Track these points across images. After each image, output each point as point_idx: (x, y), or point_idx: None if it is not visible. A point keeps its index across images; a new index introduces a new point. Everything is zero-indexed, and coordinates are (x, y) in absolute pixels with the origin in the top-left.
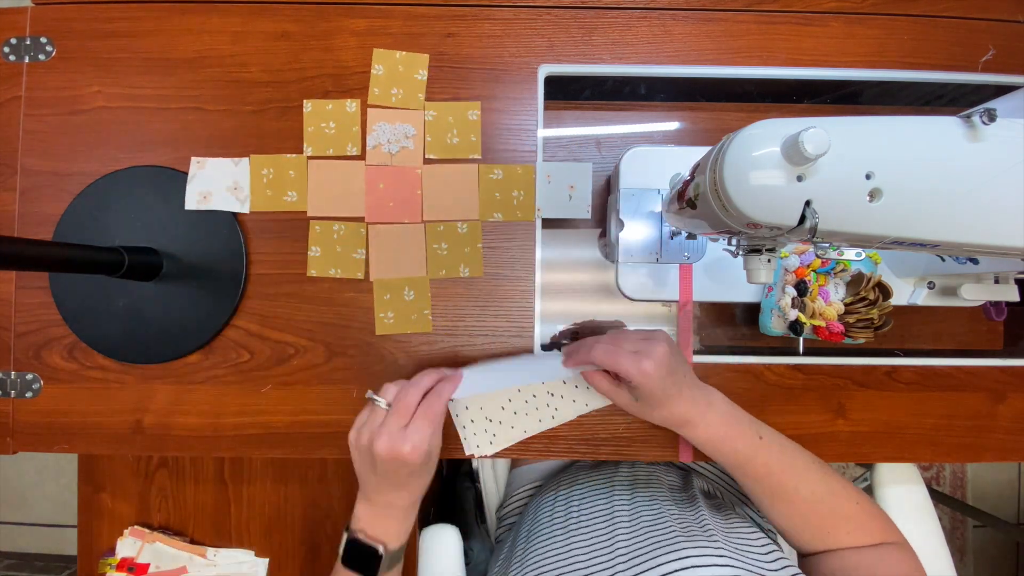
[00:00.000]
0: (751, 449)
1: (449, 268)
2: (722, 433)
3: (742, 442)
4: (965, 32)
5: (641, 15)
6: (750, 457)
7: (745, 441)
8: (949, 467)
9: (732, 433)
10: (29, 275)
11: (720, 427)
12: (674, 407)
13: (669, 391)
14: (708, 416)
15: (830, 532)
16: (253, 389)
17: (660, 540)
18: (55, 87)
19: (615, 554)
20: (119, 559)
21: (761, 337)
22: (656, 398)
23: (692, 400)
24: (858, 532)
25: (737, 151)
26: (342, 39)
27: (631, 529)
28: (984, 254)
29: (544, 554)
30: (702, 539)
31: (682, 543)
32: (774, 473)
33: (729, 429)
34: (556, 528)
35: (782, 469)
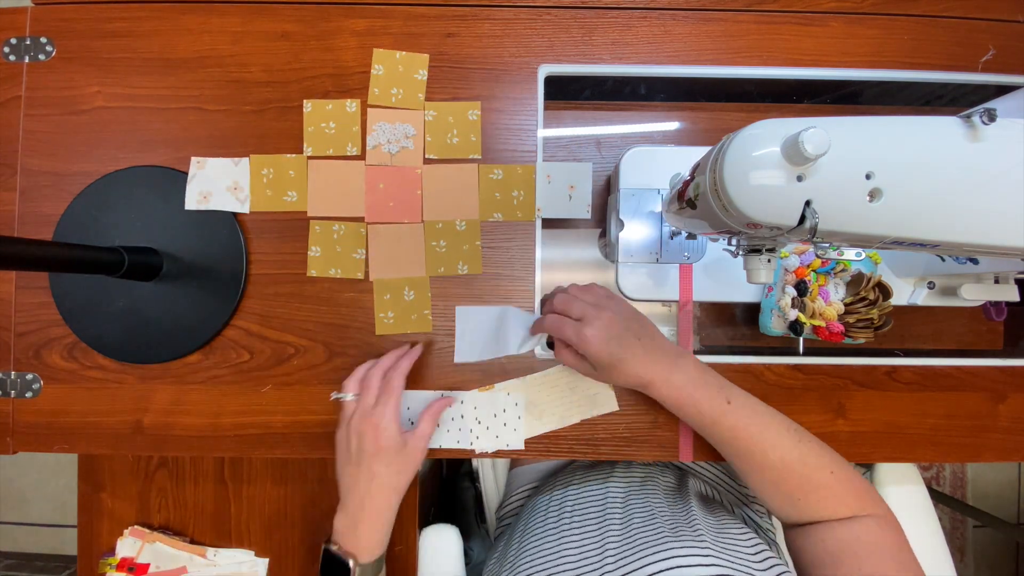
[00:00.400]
0: (717, 413)
1: (448, 265)
2: (686, 394)
3: (707, 404)
4: (965, 32)
5: (641, 15)
6: (716, 421)
7: (711, 403)
8: (949, 467)
9: (697, 395)
10: (29, 275)
11: (685, 387)
12: (628, 369)
13: (617, 354)
14: (673, 377)
15: (802, 502)
16: (253, 389)
17: (648, 540)
18: (55, 87)
19: (604, 554)
20: (119, 559)
21: (761, 337)
22: (604, 363)
23: (652, 361)
24: (830, 503)
25: (737, 151)
26: (342, 39)
27: (622, 530)
28: (984, 254)
29: (535, 554)
30: (690, 539)
31: (669, 542)
32: (740, 438)
33: (695, 391)
34: (549, 528)
35: (750, 434)
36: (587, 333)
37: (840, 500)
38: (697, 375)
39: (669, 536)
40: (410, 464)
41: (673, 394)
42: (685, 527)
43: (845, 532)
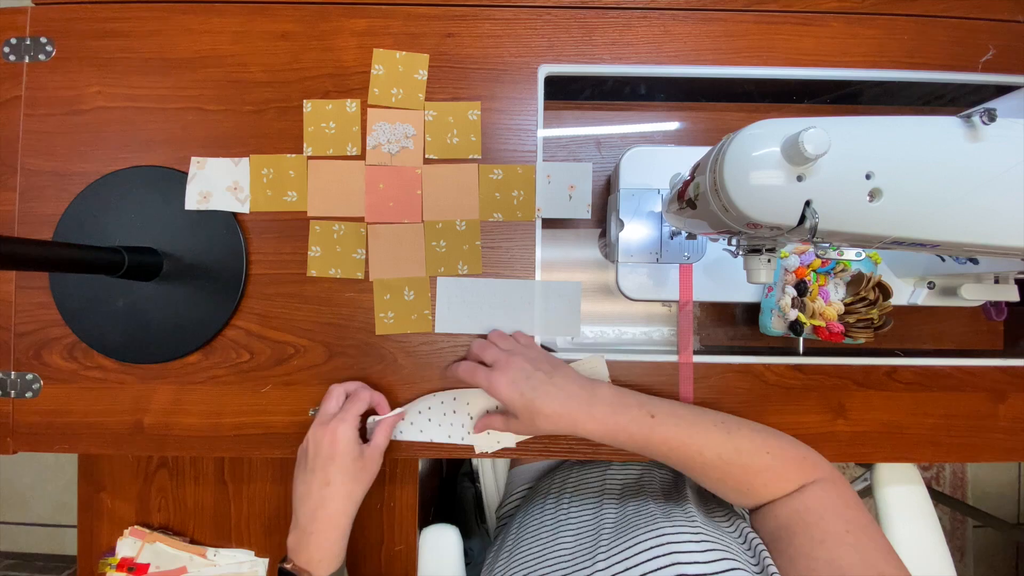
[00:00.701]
0: (645, 430)
1: (448, 265)
2: (611, 423)
3: (634, 426)
4: (965, 32)
5: (641, 15)
6: (647, 437)
7: (637, 424)
8: (949, 467)
9: (622, 420)
10: (29, 275)
11: (608, 417)
12: (545, 408)
13: (528, 395)
14: (593, 410)
15: (748, 489)
16: (253, 389)
17: (642, 522)
18: (55, 87)
19: (599, 538)
20: (119, 559)
21: (761, 337)
22: (519, 407)
23: (567, 396)
24: (775, 483)
25: (737, 151)
26: (342, 39)
27: (617, 517)
28: (984, 254)
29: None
30: (682, 520)
31: (661, 523)
32: (675, 448)
33: (618, 417)
34: (546, 516)
35: (681, 441)
36: (495, 378)
37: (782, 477)
38: (616, 400)
39: (662, 518)
40: (366, 474)
41: (599, 427)
42: (678, 511)
43: (794, 504)
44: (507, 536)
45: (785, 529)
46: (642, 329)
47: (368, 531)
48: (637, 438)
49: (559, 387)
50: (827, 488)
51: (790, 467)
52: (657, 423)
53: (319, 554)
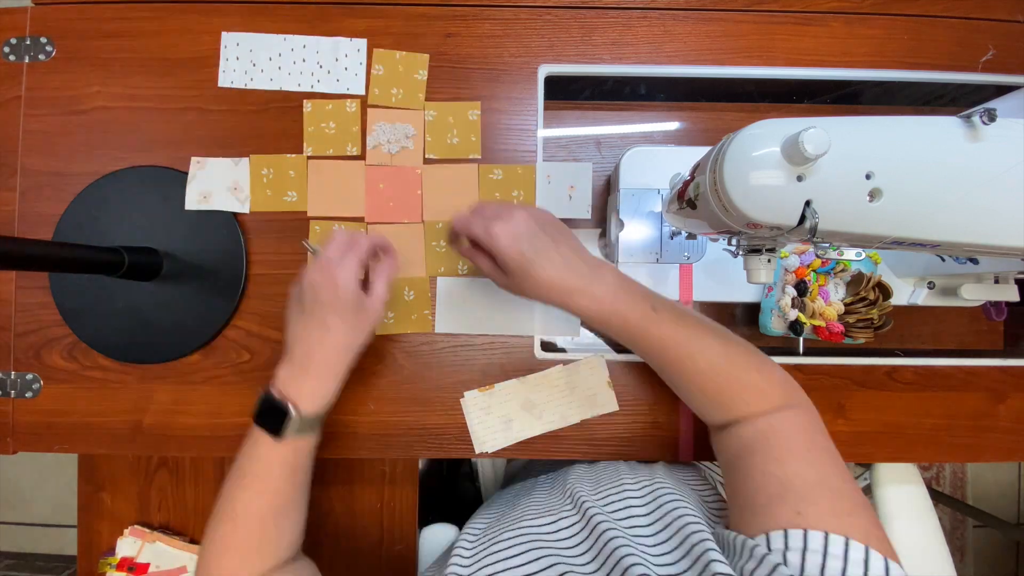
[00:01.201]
0: (644, 321)
1: (448, 265)
2: (609, 304)
3: (633, 314)
4: (965, 32)
5: (641, 15)
6: (643, 329)
7: (637, 313)
8: (949, 467)
9: (621, 306)
10: (29, 275)
11: (607, 299)
12: (541, 274)
13: (528, 255)
14: (593, 287)
15: (728, 402)
16: (253, 389)
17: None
18: (55, 87)
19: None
20: (119, 559)
21: (761, 337)
22: (515, 265)
23: (568, 268)
24: (756, 400)
25: (737, 151)
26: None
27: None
28: (984, 254)
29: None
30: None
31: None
32: (669, 347)
33: (618, 302)
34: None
35: (677, 342)
36: (496, 227)
37: (765, 396)
38: (619, 284)
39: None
40: (366, 323)
41: (595, 306)
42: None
43: (762, 423)
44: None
45: (746, 446)
46: None
47: (368, 531)
48: (632, 328)
49: (563, 255)
50: (799, 414)
51: (775, 389)
52: (658, 317)
53: (309, 391)
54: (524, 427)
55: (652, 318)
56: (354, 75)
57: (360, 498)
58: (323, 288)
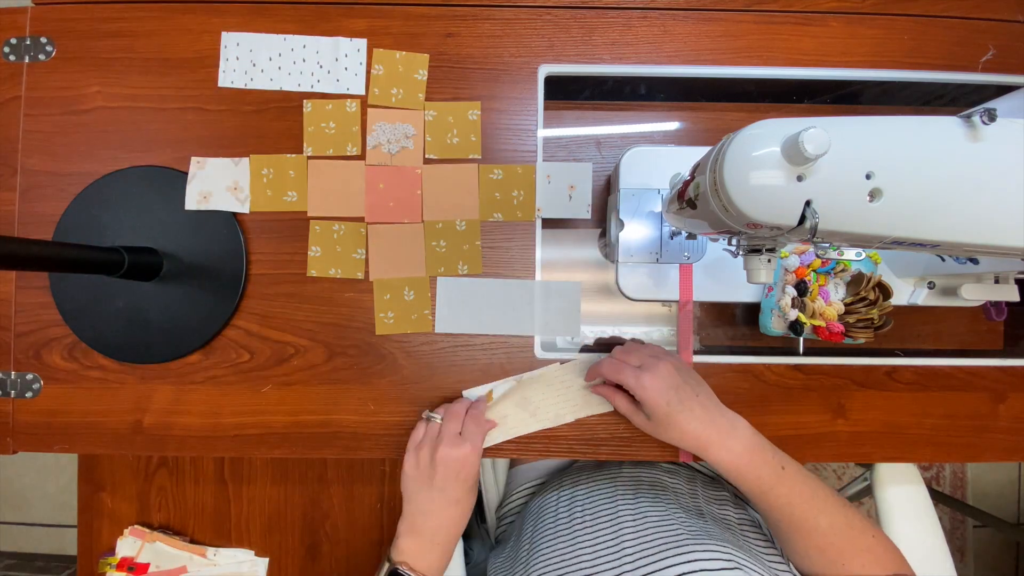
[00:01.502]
0: (774, 478)
1: (448, 265)
2: (745, 460)
3: (765, 470)
4: (965, 32)
5: (641, 15)
6: (773, 486)
7: (768, 469)
8: (949, 467)
9: (756, 460)
10: (29, 275)
11: (744, 455)
12: (685, 425)
13: (675, 406)
14: (730, 441)
15: (847, 563)
16: (253, 389)
17: (667, 542)
18: (55, 87)
19: (621, 555)
20: (119, 559)
21: (761, 337)
22: (661, 413)
23: (709, 422)
24: (873, 565)
25: (737, 151)
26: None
27: (636, 530)
28: (984, 254)
29: (549, 555)
30: (710, 542)
31: (689, 544)
32: (795, 504)
33: (753, 456)
34: (560, 528)
35: (803, 500)
36: (646, 379)
37: (881, 562)
38: (753, 440)
39: (688, 538)
40: (477, 489)
41: (732, 460)
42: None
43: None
44: (519, 545)
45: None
46: (642, 329)
47: (368, 531)
48: (763, 483)
49: (704, 408)
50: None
51: (889, 555)
52: (785, 476)
53: (440, 564)
54: (519, 424)
55: (782, 476)
56: (354, 75)
57: (360, 498)
58: (453, 465)
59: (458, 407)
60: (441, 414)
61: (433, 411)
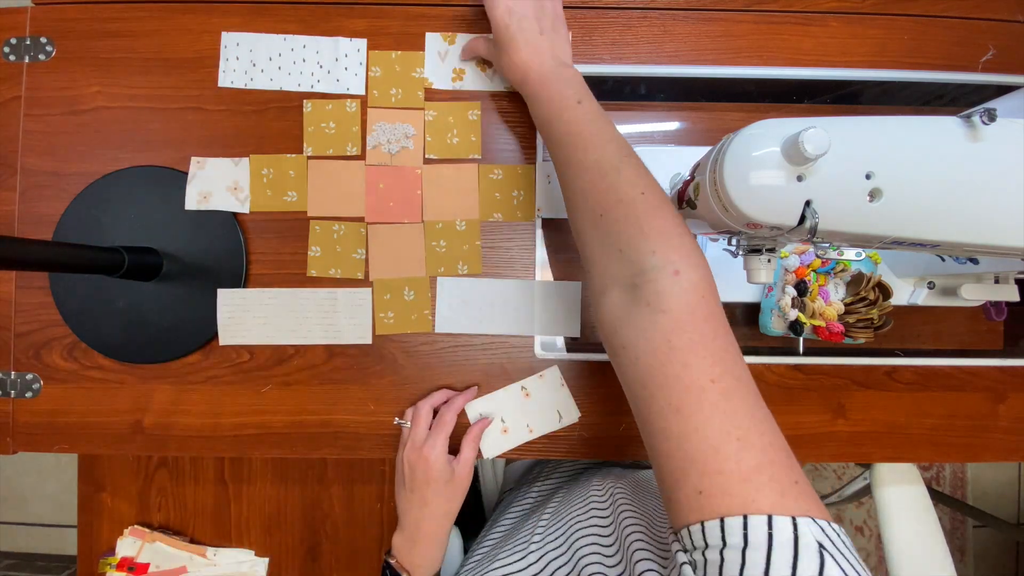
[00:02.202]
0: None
1: (448, 265)
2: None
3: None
4: (965, 32)
5: (641, 15)
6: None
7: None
8: (949, 467)
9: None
10: (29, 275)
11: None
12: (514, 55)
13: (513, 32)
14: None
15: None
16: (253, 389)
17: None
18: (55, 87)
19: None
20: (119, 559)
21: (761, 337)
22: (499, 36)
23: (536, 53)
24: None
25: (737, 151)
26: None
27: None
28: (984, 254)
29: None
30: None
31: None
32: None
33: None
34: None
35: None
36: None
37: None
38: (569, 75)
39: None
40: (459, 491)
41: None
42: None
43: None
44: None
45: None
46: None
47: (368, 530)
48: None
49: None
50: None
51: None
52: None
53: (420, 560)
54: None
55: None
56: (354, 75)
57: (360, 498)
58: (417, 468)
59: (423, 409)
60: (409, 418)
61: (402, 418)
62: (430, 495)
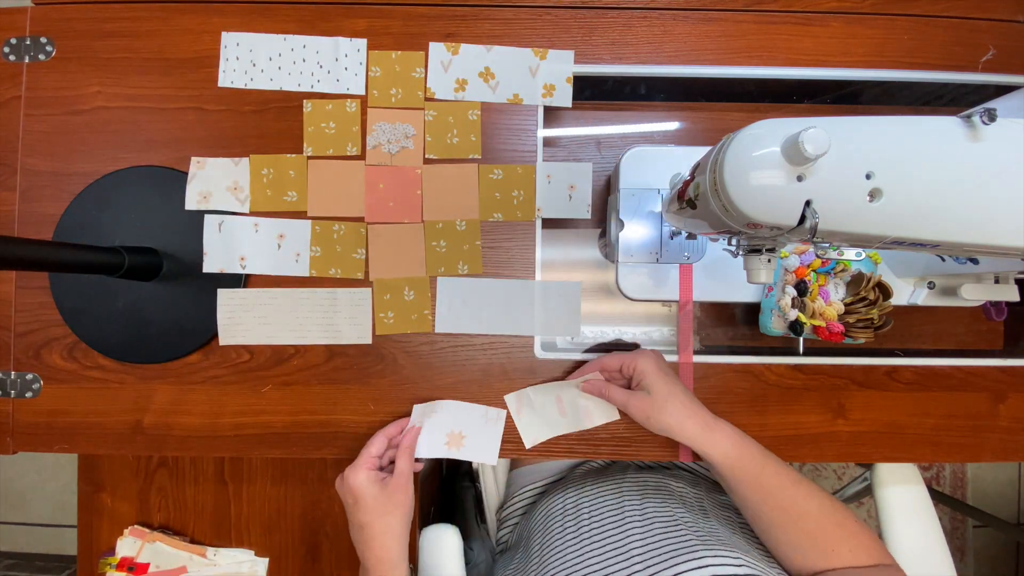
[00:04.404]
0: (762, 464)
1: (448, 265)
2: (738, 442)
3: (755, 455)
4: (965, 32)
5: (641, 15)
6: (763, 469)
7: (756, 455)
8: (949, 467)
9: (745, 445)
10: (29, 275)
11: (734, 437)
12: (684, 400)
13: (672, 382)
14: (719, 426)
15: (835, 549)
16: (253, 389)
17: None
18: (55, 87)
19: (631, 559)
20: (119, 559)
21: (761, 337)
22: (662, 384)
23: (699, 416)
24: (860, 550)
25: (737, 151)
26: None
27: (644, 535)
28: (984, 254)
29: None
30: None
31: (699, 548)
32: (785, 487)
33: (743, 441)
34: (568, 535)
35: (791, 483)
36: (639, 357)
37: (867, 549)
38: (737, 431)
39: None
40: (394, 504)
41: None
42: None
43: None
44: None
45: None
46: (642, 329)
47: None
48: (756, 466)
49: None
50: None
51: (875, 543)
52: (771, 461)
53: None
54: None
55: (768, 461)
56: (354, 75)
57: None
58: (346, 496)
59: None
60: None
61: None
62: (362, 516)
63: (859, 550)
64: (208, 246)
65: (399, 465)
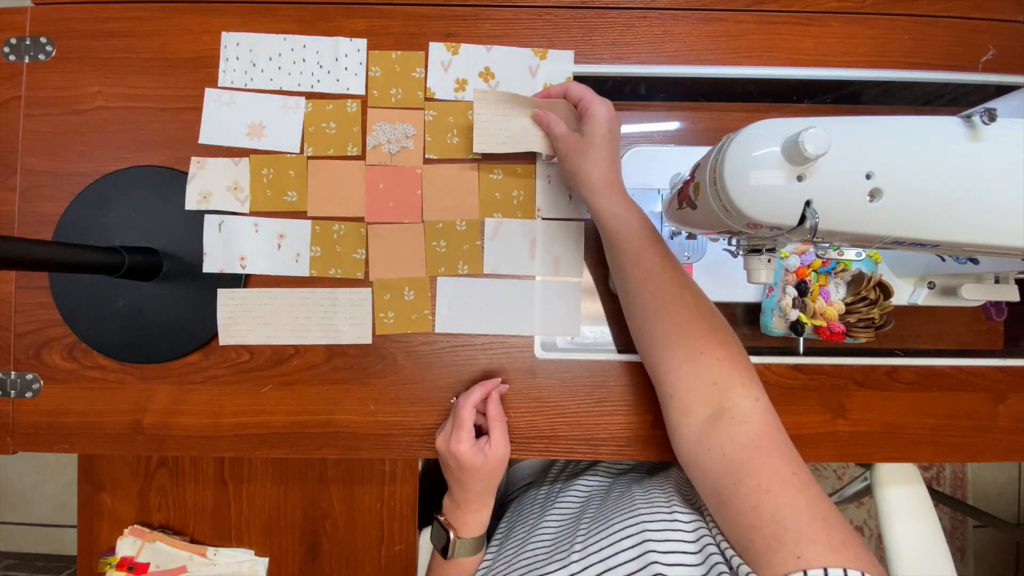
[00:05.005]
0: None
1: (448, 265)
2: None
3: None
4: (965, 32)
5: (641, 15)
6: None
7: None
8: (949, 467)
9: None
10: (29, 275)
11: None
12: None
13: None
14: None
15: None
16: (253, 389)
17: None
18: (55, 87)
19: (577, 531)
20: (119, 558)
21: (761, 337)
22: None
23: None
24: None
25: (737, 151)
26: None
27: (596, 512)
28: (984, 254)
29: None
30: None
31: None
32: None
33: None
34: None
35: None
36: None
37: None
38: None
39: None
40: (493, 472)
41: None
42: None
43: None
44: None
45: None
46: None
47: (368, 530)
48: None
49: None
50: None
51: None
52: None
53: (465, 522)
54: None
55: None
56: (354, 75)
57: (360, 498)
58: (450, 460)
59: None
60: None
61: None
62: (466, 479)
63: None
64: (208, 246)
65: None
